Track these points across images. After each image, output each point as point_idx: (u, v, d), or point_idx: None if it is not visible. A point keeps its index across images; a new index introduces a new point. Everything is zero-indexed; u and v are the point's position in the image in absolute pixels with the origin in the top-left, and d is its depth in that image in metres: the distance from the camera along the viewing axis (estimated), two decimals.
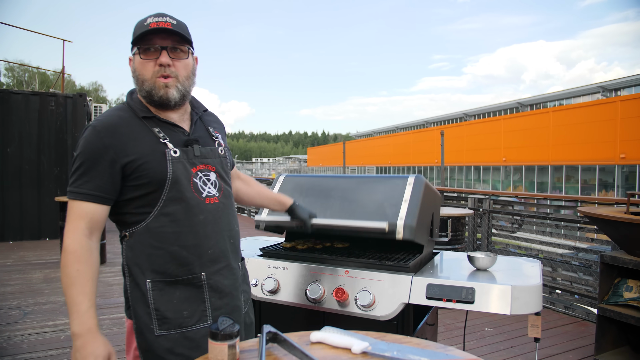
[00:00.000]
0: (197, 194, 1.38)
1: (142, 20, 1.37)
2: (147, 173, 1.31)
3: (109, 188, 1.31)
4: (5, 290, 5.10)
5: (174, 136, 1.39)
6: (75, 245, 1.26)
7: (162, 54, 1.34)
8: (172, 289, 1.35)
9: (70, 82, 45.39)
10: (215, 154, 1.47)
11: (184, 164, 1.36)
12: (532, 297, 1.70)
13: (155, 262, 1.34)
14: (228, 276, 1.44)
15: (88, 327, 1.22)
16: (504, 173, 26.81)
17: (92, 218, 1.30)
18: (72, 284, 1.23)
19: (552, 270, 4.73)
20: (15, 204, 8.33)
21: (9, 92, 8.38)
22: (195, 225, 1.36)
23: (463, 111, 39.80)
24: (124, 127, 1.33)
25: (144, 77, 1.35)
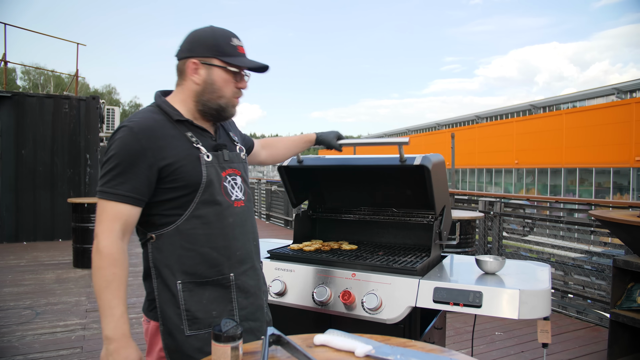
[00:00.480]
0: (227, 197, 1.42)
1: (223, 34, 1.41)
2: (183, 176, 1.33)
3: (145, 190, 1.31)
4: (18, 290, 5.18)
5: (204, 141, 1.42)
6: (112, 248, 1.26)
7: (244, 80, 1.46)
8: (201, 289, 1.37)
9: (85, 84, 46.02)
10: (239, 158, 1.51)
11: (215, 168, 1.40)
12: (541, 301, 1.67)
13: (185, 263, 1.35)
14: (253, 277, 1.49)
15: (122, 332, 1.25)
16: (517, 176, 26.55)
17: (127, 220, 1.30)
18: (107, 287, 1.25)
19: (565, 274, 4.66)
20: (29, 206, 8.46)
21: (24, 95, 8.53)
22: (225, 227, 1.40)
23: (475, 113, 39.50)
24: (160, 130, 1.34)
25: (223, 94, 1.41)
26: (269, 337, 1.07)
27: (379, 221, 2.55)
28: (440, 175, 2.15)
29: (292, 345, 1.05)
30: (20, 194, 8.40)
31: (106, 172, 1.29)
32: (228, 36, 1.41)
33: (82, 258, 6.35)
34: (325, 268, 1.99)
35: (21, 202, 8.41)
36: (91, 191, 8.85)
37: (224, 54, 1.38)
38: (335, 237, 2.64)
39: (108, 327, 1.24)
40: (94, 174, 8.92)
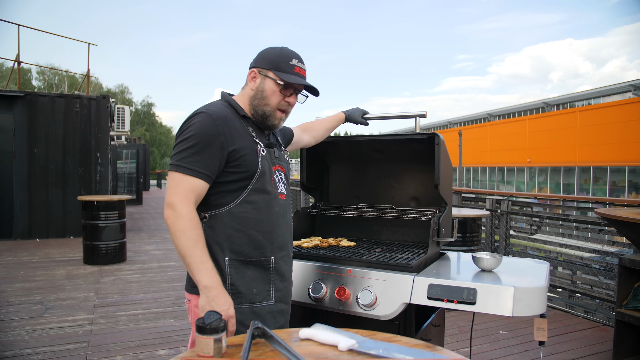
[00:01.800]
0: (275, 188, 1.60)
1: (287, 53, 1.60)
2: (245, 163, 1.51)
3: (216, 170, 1.48)
4: (29, 286, 5.27)
5: (261, 138, 1.62)
6: (192, 213, 1.41)
7: (293, 96, 1.62)
8: (244, 268, 1.52)
9: (98, 84, 46.60)
10: (284, 158, 1.72)
11: (268, 162, 1.58)
12: (536, 298, 1.66)
13: (234, 242, 1.51)
14: (288, 263, 1.66)
15: (218, 281, 1.39)
16: (529, 174, 26.25)
17: (199, 194, 1.46)
18: (196, 246, 1.39)
19: (572, 273, 4.61)
20: (41, 203, 8.60)
21: (37, 95, 8.68)
22: (272, 215, 1.57)
23: (487, 111, 39.13)
24: (231, 120, 1.54)
25: (268, 103, 1.58)
26: (253, 330, 1.08)
27: (378, 218, 2.55)
28: (446, 164, 2.17)
29: (275, 338, 1.06)
30: (33, 192, 8.55)
31: (184, 149, 1.44)
32: (290, 57, 1.60)
33: (91, 255, 6.44)
34: (321, 264, 2.00)
35: (34, 199, 8.55)
36: (101, 189, 8.97)
37: (279, 69, 1.57)
38: (334, 233, 2.65)
39: (205, 278, 1.37)
40: (104, 172, 9.04)
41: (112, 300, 4.76)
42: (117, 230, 6.56)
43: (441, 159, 2.10)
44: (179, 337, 3.75)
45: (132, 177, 16.97)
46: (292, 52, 1.63)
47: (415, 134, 2.23)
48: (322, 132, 2.19)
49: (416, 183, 2.56)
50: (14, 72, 9.89)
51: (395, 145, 2.46)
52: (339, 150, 2.66)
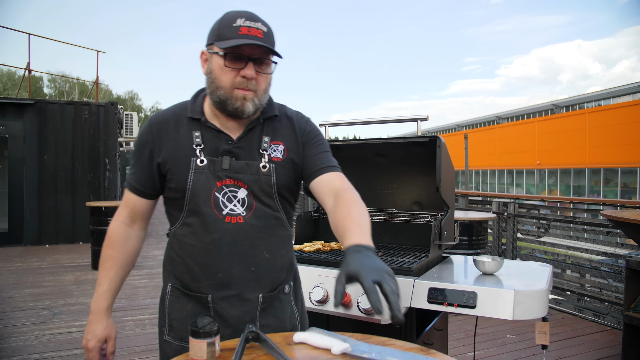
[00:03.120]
0: (216, 209, 1.25)
1: (230, 16, 1.22)
2: (174, 178, 1.27)
3: (149, 183, 1.32)
4: (38, 292, 5.33)
5: (214, 143, 1.28)
6: (112, 231, 1.35)
7: (248, 66, 1.21)
8: (186, 299, 1.31)
9: (108, 91, 47.19)
10: (253, 170, 1.27)
11: (207, 176, 1.25)
12: (537, 302, 1.65)
13: (176, 268, 1.32)
14: (236, 306, 1.28)
15: (98, 308, 1.32)
16: (539, 176, 26.03)
17: (134, 208, 1.36)
18: (101, 266, 1.34)
19: (580, 276, 4.55)
20: (51, 209, 8.70)
21: (46, 102, 8.80)
22: (209, 243, 1.25)
23: (496, 114, 38.92)
24: (172, 127, 1.30)
25: (220, 84, 1.22)
26: (247, 333, 1.08)
27: (380, 222, 2.54)
28: (448, 167, 2.18)
29: (269, 342, 1.07)
30: (43, 198, 8.66)
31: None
32: (233, 17, 1.21)
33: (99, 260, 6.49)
34: (322, 268, 2.00)
35: (44, 206, 8.66)
36: (110, 195, 9.05)
37: (221, 38, 1.20)
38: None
39: (91, 301, 1.34)
40: (112, 178, 9.13)
41: (119, 305, 4.79)
42: None
43: (442, 162, 2.10)
44: None
45: None
46: (238, 12, 1.22)
47: (417, 137, 2.23)
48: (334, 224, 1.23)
49: (418, 187, 2.55)
50: (24, 80, 10.05)
51: (398, 148, 2.47)
52: (342, 154, 2.66)
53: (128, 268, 1.38)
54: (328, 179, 1.31)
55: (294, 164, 1.34)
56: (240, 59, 1.20)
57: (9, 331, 3.99)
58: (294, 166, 1.34)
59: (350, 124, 2.52)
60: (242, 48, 1.19)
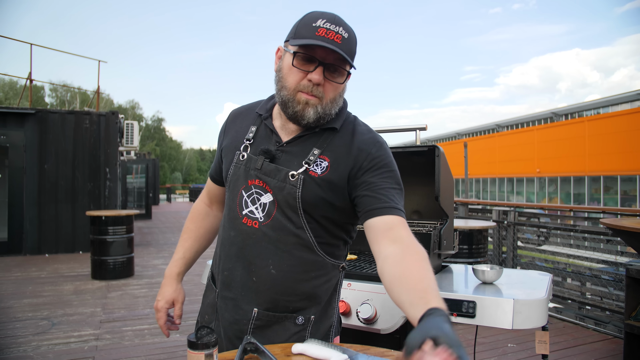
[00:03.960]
0: (238, 208, 1.21)
1: (312, 15, 1.14)
2: (224, 167, 1.31)
3: (218, 170, 1.40)
4: (37, 302, 5.31)
5: (263, 141, 1.23)
6: (194, 208, 1.50)
7: (317, 70, 1.12)
8: (211, 289, 1.37)
9: (109, 100, 47.35)
10: (281, 176, 1.16)
11: (242, 172, 1.22)
12: (536, 311, 1.64)
13: (215, 255, 1.36)
14: (230, 311, 1.24)
15: (170, 272, 1.43)
16: (539, 184, 26.04)
17: (210, 192, 1.48)
18: (181, 237, 1.48)
19: (581, 284, 4.54)
20: (51, 219, 8.69)
21: (47, 112, 8.83)
22: (226, 239, 1.25)
23: (495, 122, 39.03)
24: (241, 118, 1.33)
25: (285, 84, 1.15)
26: (245, 345, 1.08)
27: None
28: (447, 176, 2.18)
29: (267, 354, 1.06)
30: (43, 208, 8.65)
31: None
32: (315, 17, 1.12)
33: (99, 270, 6.48)
34: None
35: (44, 215, 8.65)
36: (110, 204, 9.05)
37: (297, 36, 1.12)
38: None
39: (167, 268, 1.44)
40: (113, 188, 9.13)
41: (119, 315, 4.77)
42: (125, 245, 6.60)
43: (441, 171, 2.11)
44: (183, 352, 3.75)
45: (141, 192, 17.13)
46: (322, 13, 1.14)
47: (416, 146, 2.25)
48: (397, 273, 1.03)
49: (418, 196, 2.56)
50: (26, 90, 10.10)
51: (396, 158, 2.45)
52: None
53: (204, 243, 1.49)
54: (394, 223, 1.10)
55: (333, 184, 1.17)
56: (311, 61, 1.12)
57: (7, 342, 3.97)
58: (332, 187, 1.17)
59: None
60: (314, 50, 1.11)
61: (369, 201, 1.14)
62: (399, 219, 1.12)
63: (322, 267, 1.22)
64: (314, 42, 1.08)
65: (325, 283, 1.24)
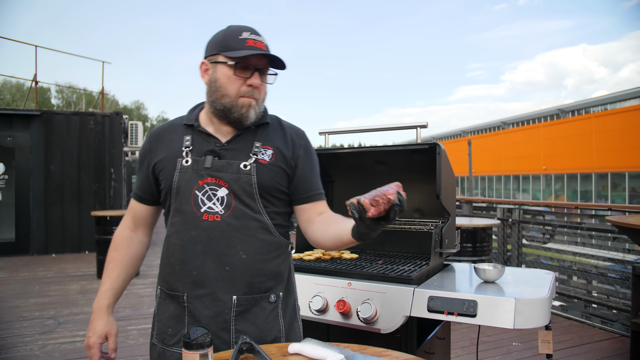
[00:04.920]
0: (195, 207, 1.28)
1: (235, 29, 1.30)
2: (163, 179, 1.34)
3: (147, 189, 1.41)
4: (44, 301, 5.34)
5: (203, 145, 1.33)
6: (116, 234, 1.46)
7: (255, 75, 1.29)
8: (169, 302, 1.35)
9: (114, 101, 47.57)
10: (233, 169, 1.29)
11: (190, 175, 1.30)
12: (539, 310, 1.63)
13: (164, 269, 1.37)
14: (209, 306, 1.28)
15: (99, 305, 1.37)
16: (545, 182, 25.86)
17: (135, 214, 1.45)
18: (105, 268, 1.42)
19: (587, 282, 4.50)
20: (57, 219, 8.75)
21: (52, 113, 8.88)
22: (186, 240, 1.29)
23: (501, 119, 38.79)
24: (168, 134, 1.39)
25: (226, 92, 1.29)
26: (240, 345, 1.08)
27: None
28: (448, 174, 2.17)
29: (262, 354, 1.06)
30: (49, 208, 8.71)
31: None
32: (239, 31, 1.29)
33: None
34: (321, 277, 1.99)
35: (50, 215, 8.71)
36: (116, 204, 9.09)
37: (228, 49, 1.27)
38: None
39: (95, 301, 1.39)
40: (118, 188, 9.17)
41: (124, 314, 4.79)
42: None
43: (442, 168, 2.09)
44: None
45: None
46: (241, 26, 1.31)
47: (417, 144, 2.23)
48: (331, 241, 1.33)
49: (419, 194, 2.54)
50: (31, 91, 10.16)
51: (398, 156, 2.46)
52: (342, 162, 2.67)
53: (131, 270, 1.44)
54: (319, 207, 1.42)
55: (282, 170, 1.35)
56: (247, 68, 1.28)
57: (14, 341, 4.00)
58: (282, 172, 1.35)
59: (349, 132, 2.52)
60: (249, 58, 1.27)
61: (305, 187, 1.39)
62: (324, 203, 1.44)
63: (279, 247, 1.37)
64: (254, 52, 1.25)
65: (284, 261, 1.39)
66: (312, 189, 1.41)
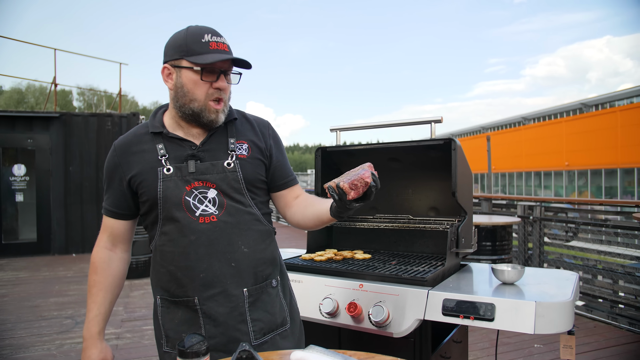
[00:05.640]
0: (189, 213, 1.30)
1: (196, 32, 1.30)
2: (145, 191, 1.32)
3: (123, 204, 1.38)
4: (63, 300, 5.41)
5: (178, 151, 1.34)
6: (94, 257, 1.41)
7: (221, 78, 1.31)
8: (176, 308, 1.35)
9: (134, 102, 48.33)
10: (218, 169, 1.33)
11: (176, 182, 1.31)
12: (561, 314, 1.53)
13: (161, 279, 1.36)
14: (223, 303, 1.32)
15: (91, 333, 1.35)
16: (567, 178, 25.26)
17: (112, 232, 1.42)
18: (89, 292, 1.38)
19: (613, 282, 4.33)
20: (77, 219, 8.88)
21: (71, 115, 9.01)
22: (186, 246, 1.30)
23: (521, 115, 38.04)
24: (135, 145, 1.36)
25: (194, 97, 1.30)
26: (239, 353, 1.02)
27: (395, 229, 2.45)
28: (464, 171, 2.09)
29: None
30: (69, 209, 8.84)
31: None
32: (200, 33, 1.29)
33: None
34: (333, 279, 1.92)
35: (70, 216, 8.84)
36: None
37: (191, 53, 1.27)
38: (350, 245, 2.57)
39: (83, 328, 1.37)
40: None
41: (140, 314, 4.81)
42: (147, 245, 6.65)
43: (458, 165, 2.01)
44: None
45: None
46: (202, 28, 1.31)
47: (431, 140, 2.14)
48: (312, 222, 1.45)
49: (435, 192, 2.45)
50: (51, 94, 10.34)
51: (411, 152, 2.37)
52: (355, 160, 2.59)
53: (116, 291, 1.43)
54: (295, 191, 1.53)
55: (259, 161, 1.42)
56: (213, 72, 1.30)
57: (32, 340, 4.04)
58: (260, 163, 1.42)
59: (360, 128, 2.45)
60: (214, 62, 1.27)
61: (281, 175, 1.48)
62: (298, 186, 1.54)
63: (269, 234, 1.44)
64: (221, 57, 1.26)
65: (275, 247, 1.47)
66: (287, 175, 1.50)
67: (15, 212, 8.85)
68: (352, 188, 1.20)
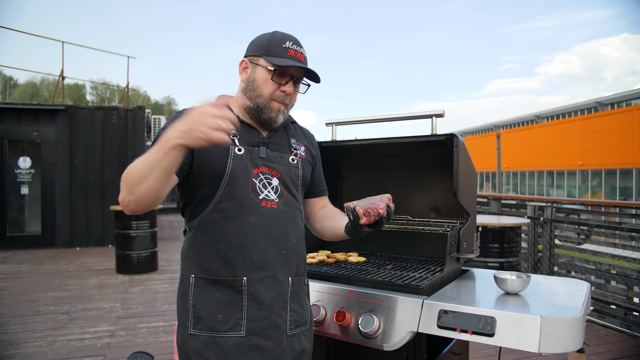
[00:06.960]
0: (253, 194, 1.35)
1: (280, 36, 1.40)
2: (208, 163, 1.32)
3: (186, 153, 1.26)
4: (60, 295, 5.34)
5: (247, 137, 1.40)
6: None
7: (290, 84, 1.40)
8: (213, 288, 1.33)
9: (146, 97, 48.60)
10: (284, 161, 1.44)
11: (245, 163, 1.36)
12: (569, 331, 1.36)
13: (202, 257, 1.34)
14: (271, 287, 1.36)
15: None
16: (581, 178, 24.79)
17: None
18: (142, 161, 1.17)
19: (628, 288, 4.13)
20: (81, 213, 8.85)
21: (77, 108, 8.96)
22: (245, 225, 1.33)
23: (534, 113, 37.40)
24: None
25: (261, 93, 1.39)
26: None
27: (393, 230, 2.30)
28: (468, 169, 1.92)
29: None
30: (74, 202, 8.81)
31: None
32: (283, 39, 1.40)
33: (123, 264, 6.50)
34: (322, 283, 1.78)
35: (74, 209, 8.81)
36: None
37: (270, 54, 1.38)
38: (346, 247, 2.42)
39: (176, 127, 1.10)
40: None
41: (136, 311, 4.72)
42: (148, 240, 6.59)
43: (460, 163, 1.84)
44: None
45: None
46: (286, 35, 1.42)
47: (431, 135, 1.98)
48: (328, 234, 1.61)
49: (436, 192, 2.29)
50: (59, 87, 10.32)
51: (412, 148, 2.21)
52: (352, 156, 2.44)
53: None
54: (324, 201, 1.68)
55: (310, 165, 1.56)
56: (283, 76, 1.39)
57: (25, 336, 3.97)
58: (310, 167, 1.56)
59: (357, 122, 2.29)
60: (288, 67, 1.38)
61: (318, 183, 1.64)
62: (327, 197, 1.70)
63: (304, 232, 1.52)
64: (294, 64, 1.36)
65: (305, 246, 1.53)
66: (323, 184, 1.67)
67: (20, 204, 8.84)
68: (365, 214, 1.34)
